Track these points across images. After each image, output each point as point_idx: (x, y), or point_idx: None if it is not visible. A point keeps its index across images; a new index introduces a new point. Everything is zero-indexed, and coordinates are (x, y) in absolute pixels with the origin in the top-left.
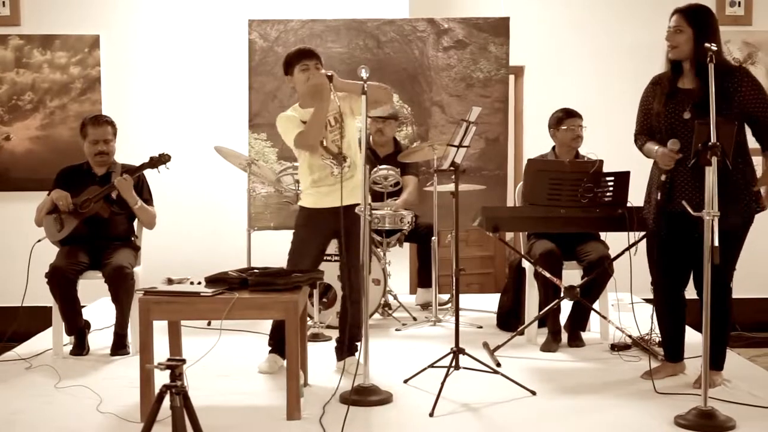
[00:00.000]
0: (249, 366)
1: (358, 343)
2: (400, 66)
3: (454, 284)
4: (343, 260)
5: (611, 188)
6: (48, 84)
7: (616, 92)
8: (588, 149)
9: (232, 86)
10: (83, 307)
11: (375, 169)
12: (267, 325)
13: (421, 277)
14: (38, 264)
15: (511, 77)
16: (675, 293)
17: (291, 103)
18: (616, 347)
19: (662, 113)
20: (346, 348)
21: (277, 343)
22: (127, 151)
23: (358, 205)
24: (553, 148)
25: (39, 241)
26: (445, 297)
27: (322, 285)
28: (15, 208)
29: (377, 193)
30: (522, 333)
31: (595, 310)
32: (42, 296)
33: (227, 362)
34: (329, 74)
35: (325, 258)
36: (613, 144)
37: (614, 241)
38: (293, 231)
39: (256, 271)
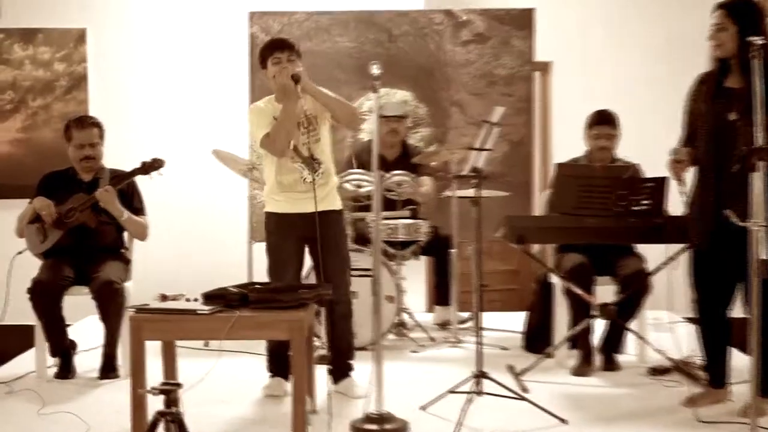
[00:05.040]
0: (250, 391)
1: (352, 362)
2: (414, 62)
3: (475, 301)
4: (325, 273)
5: (647, 195)
6: (30, 82)
7: (653, 89)
8: (622, 153)
9: (231, 84)
10: (69, 325)
11: (388, 175)
12: None
13: (439, 294)
14: (19, 278)
15: (537, 74)
16: (719, 311)
17: None
18: (654, 371)
19: (707, 114)
20: (340, 369)
21: (278, 365)
22: (117, 156)
23: (334, 211)
24: (587, 151)
25: (20, 253)
26: (466, 315)
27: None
28: None
29: (390, 201)
30: (551, 355)
31: (632, 330)
32: (23, 313)
33: (227, 386)
34: (297, 71)
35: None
36: (648, 146)
37: (651, 253)
38: (265, 242)
39: (257, 286)
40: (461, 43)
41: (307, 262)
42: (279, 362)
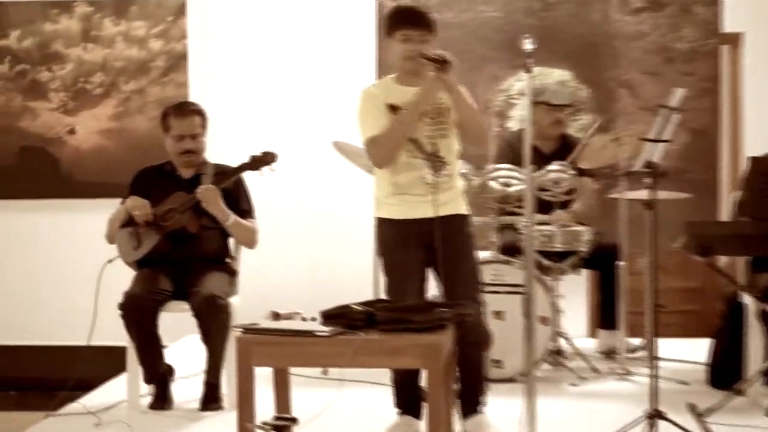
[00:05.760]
0: (376, 427)
1: (484, 396)
2: (574, 34)
3: (648, 325)
4: (449, 289)
5: None
6: (122, 62)
7: None
8: None
9: (354, 63)
10: (165, 347)
11: (543, 171)
12: None
13: (604, 316)
14: (109, 291)
15: (724, 48)
16: None
17: None
18: None
19: None
20: (469, 403)
21: (407, 401)
22: (222, 148)
23: (461, 216)
24: None
25: (110, 261)
26: (637, 342)
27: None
28: (80, 220)
29: (544, 202)
30: (742, 392)
31: None
32: (113, 333)
33: (348, 422)
34: (443, 60)
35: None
36: None
37: None
38: (379, 255)
39: (386, 304)
40: (632, 11)
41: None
42: (409, 396)
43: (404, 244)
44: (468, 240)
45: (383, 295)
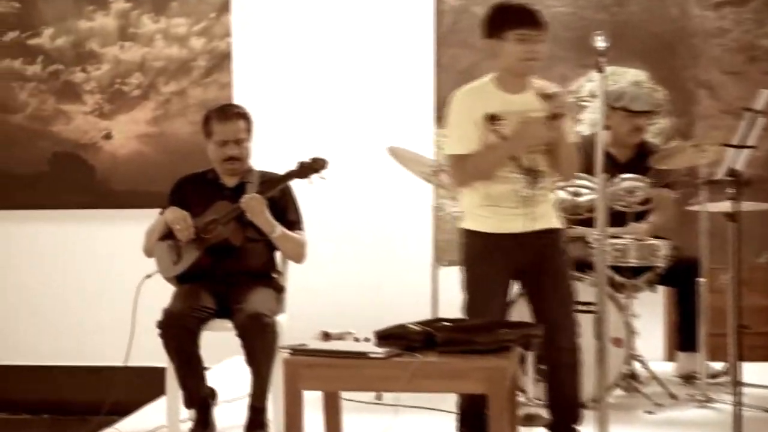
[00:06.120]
0: None
1: (578, 425)
2: (649, 31)
3: (732, 347)
4: (541, 308)
5: None
6: (162, 62)
7: None
8: None
9: (411, 63)
10: (207, 369)
11: (615, 180)
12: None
13: (683, 337)
14: (147, 309)
15: None
16: None
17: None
18: None
19: None
20: None
21: (474, 428)
22: (268, 155)
23: (554, 231)
24: None
25: (148, 276)
26: (719, 366)
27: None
28: (116, 231)
29: (618, 213)
30: None
31: None
32: (152, 353)
33: None
34: (558, 114)
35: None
36: None
37: None
38: (462, 269)
39: (446, 324)
40: (712, 5)
41: None
42: (475, 423)
43: (491, 258)
44: (562, 256)
45: (446, 313)
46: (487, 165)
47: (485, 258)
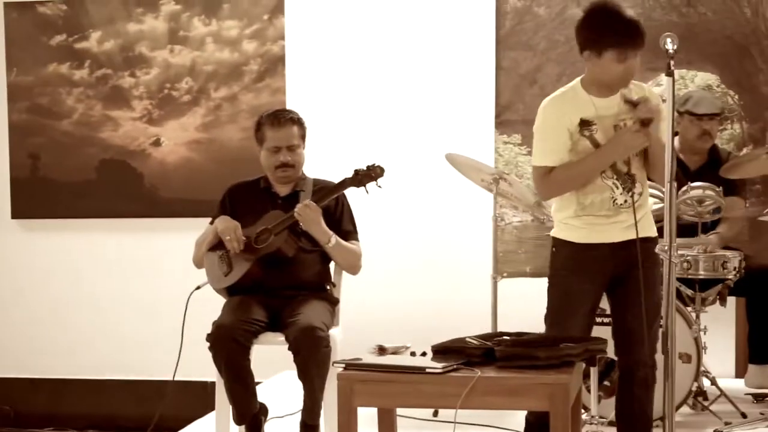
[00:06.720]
0: None
1: None
2: (721, 33)
3: None
4: (623, 322)
5: None
6: (213, 66)
7: None
8: None
9: (470, 66)
10: (258, 384)
11: (684, 189)
12: (520, 418)
13: (754, 348)
14: (197, 321)
15: None
16: None
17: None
18: None
19: None
20: None
21: None
22: (323, 162)
23: (650, 240)
24: None
25: (198, 288)
26: None
27: (603, 361)
28: (165, 241)
29: (687, 224)
30: None
31: None
32: (201, 367)
33: None
34: (648, 120)
35: (601, 320)
36: None
37: None
38: (549, 278)
39: (506, 338)
40: None
41: None
42: None
43: (581, 270)
44: (655, 266)
45: (506, 327)
46: (579, 176)
47: (575, 269)
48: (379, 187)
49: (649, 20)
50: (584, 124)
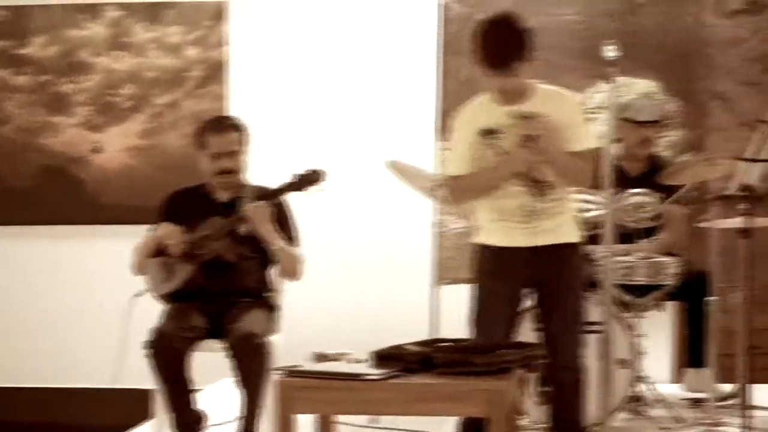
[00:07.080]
0: None
1: None
2: (663, 40)
3: (742, 369)
4: (546, 327)
5: None
6: (155, 72)
7: None
8: None
9: (412, 72)
10: (197, 391)
11: (624, 195)
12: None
13: (692, 353)
14: (136, 328)
15: None
16: None
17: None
18: None
19: None
20: None
21: None
22: (263, 168)
23: (567, 246)
24: None
25: (138, 295)
26: (728, 388)
27: (541, 367)
28: (105, 247)
29: (629, 231)
30: None
31: None
32: (140, 375)
33: None
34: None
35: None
36: None
37: None
38: (472, 282)
39: (445, 344)
40: (728, 13)
41: None
42: None
43: (499, 273)
44: (573, 273)
45: (445, 334)
46: (481, 185)
47: (493, 272)
48: (322, 191)
49: (591, 29)
50: (486, 133)
